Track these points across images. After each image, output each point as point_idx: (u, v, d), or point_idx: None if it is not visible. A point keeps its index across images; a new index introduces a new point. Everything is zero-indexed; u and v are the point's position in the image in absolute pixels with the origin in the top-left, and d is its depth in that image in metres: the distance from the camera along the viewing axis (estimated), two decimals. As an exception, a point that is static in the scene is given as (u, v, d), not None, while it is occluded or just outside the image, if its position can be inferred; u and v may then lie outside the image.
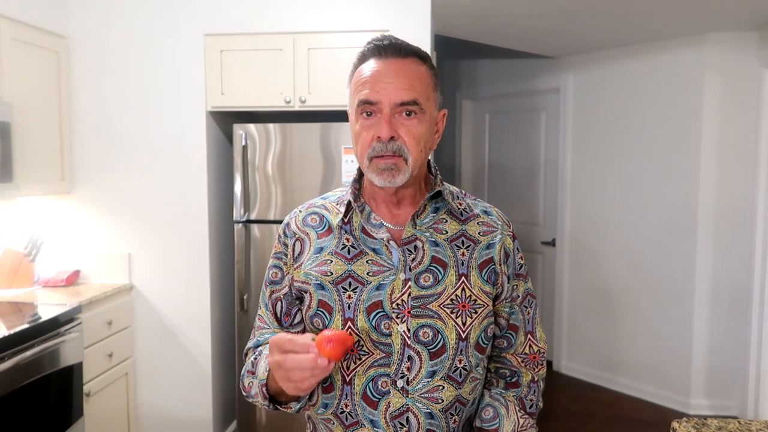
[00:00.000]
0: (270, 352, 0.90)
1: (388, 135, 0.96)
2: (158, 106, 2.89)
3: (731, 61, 3.46)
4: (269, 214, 2.89)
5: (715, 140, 3.51)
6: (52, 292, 2.73)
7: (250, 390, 1.03)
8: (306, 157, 2.85)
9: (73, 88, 2.91)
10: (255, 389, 1.01)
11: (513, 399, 1.11)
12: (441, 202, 1.07)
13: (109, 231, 2.96)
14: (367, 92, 0.98)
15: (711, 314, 3.58)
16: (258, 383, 1.00)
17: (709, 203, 3.54)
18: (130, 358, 2.94)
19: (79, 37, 2.89)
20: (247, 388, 1.04)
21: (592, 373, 4.17)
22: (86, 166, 2.94)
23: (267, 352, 0.99)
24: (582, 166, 4.16)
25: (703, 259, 3.56)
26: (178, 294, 2.95)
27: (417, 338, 0.99)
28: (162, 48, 2.87)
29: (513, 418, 1.08)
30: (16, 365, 2.08)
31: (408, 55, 1.00)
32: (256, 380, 1.00)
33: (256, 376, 1.01)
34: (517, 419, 1.09)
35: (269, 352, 0.91)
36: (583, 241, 4.19)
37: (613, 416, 3.62)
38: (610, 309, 4.05)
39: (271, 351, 0.90)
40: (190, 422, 2.98)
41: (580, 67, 4.11)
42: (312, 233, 1.08)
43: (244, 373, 1.06)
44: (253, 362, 1.04)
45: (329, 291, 1.02)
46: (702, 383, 3.62)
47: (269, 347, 0.91)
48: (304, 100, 2.79)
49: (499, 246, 1.07)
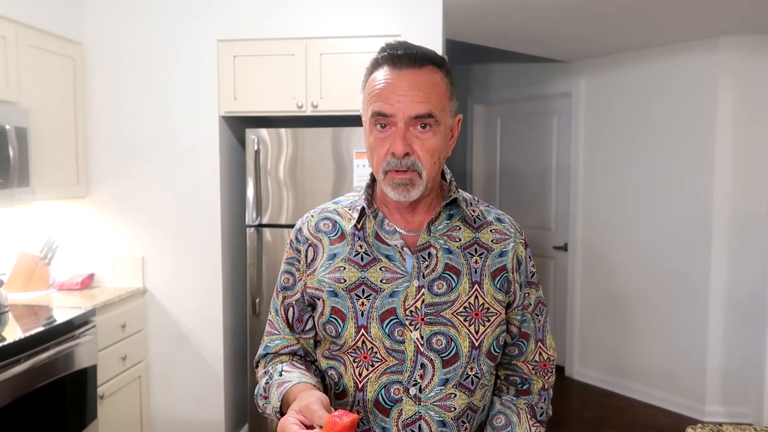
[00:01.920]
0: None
1: (402, 151, 0.95)
2: (172, 111, 2.92)
3: (745, 65, 3.43)
4: (281, 218, 2.90)
5: (729, 145, 3.48)
6: (67, 295, 2.76)
7: (265, 409, 1.05)
8: (318, 162, 2.86)
9: (88, 94, 2.95)
10: (269, 411, 1.03)
11: (524, 407, 1.10)
12: (455, 209, 1.07)
13: (123, 235, 2.99)
14: (381, 104, 0.96)
15: (726, 320, 3.54)
16: (272, 408, 1.01)
17: (723, 208, 3.50)
18: (144, 361, 2.96)
19: (94, 44, 2.92)
20: (261, 407, 1.06)
21: (605, 378, 4.13)
22: (101, 171, 2.98)
23: (277, 378, 1.02)
24: (594, 171, 4.13)
25: (717, 264, 3.52)
26: (190, 297, 2.97)
27: (430, 346, 0.99)
28: (175, 54, 2.89)
29: (525, 426, 1.08)
30: (32, 367, 2.11)
31: (423, 63, 0.97)
32: (270, 405, 1.02)
33: (269, 401, 1.02)
34: (529, 427, 1.08)
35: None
36: (595, 246, 4.16)
37: (625, 423, 3.58)
38: (622, 314, 4.02)
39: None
40: (203, 425, 2.99)
41: (593, 71, 4.09)
42: (325, 239, 1.07)
43: (257, 393, 1.07)
44: (265, 387, 1.05)
45: (342, 298, 1.02)
46: (717, 390, 3.58)
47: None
48: (316, 105, 2.80)
49: (512, 254, 1.06)
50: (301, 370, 1.04)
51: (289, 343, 1.11)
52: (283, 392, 0.98)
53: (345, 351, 1.02)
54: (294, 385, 0.98)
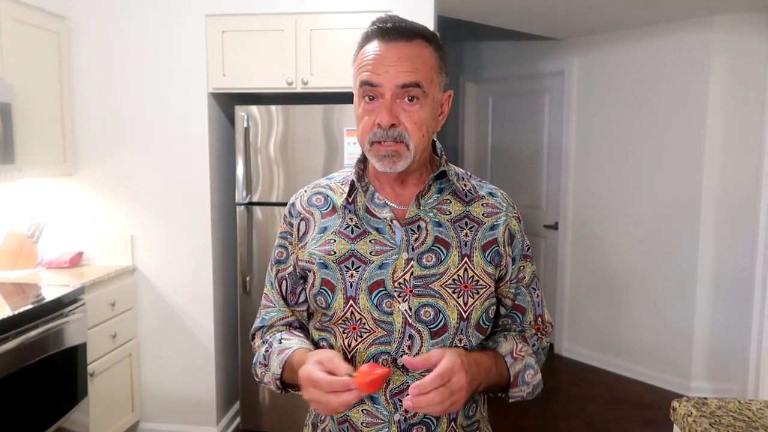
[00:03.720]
0: (304, 387, 0.92)
1: (388, 123, 0.96)
2: (159, 87, 2.87)
3: (738, 44, 3.42)
4: (272, 196, 2.89)
5: (720, 125, 3.49)
6: (55, 273, 2.75)
7: (263, 378, 1.08)
8: (308, 139, 2.84)
9: (74, 69, 2.90)
10: (268, 378, 1.06)
11: (515, 334, 1.10)
12: (446, 183, 1.07)
13: (111, 213, 2.97)
14: (369, 74, 0.97)
15: (712, 298, 3.58)
16: (272, 375, 1.05)
17: (712, 188, 3.52)
18: (134, 339, 2.96)
19: (80, 18, 2.87)
20: (259, 375, 1.09)
21: (593, 356, 4.19)
22: (88, 148, 2.94)
23: (277, 345, 1.07)
24: (585, 150, 4.14)
25: (705, 243, 3.56)
26: (181, 276, 2.96)
27: (418, 317, 1.00)
28: (162, 29, 2.84)
29: (512, 343, 1.07)
30: (21, 345, 2.10)
31: (413, 37, 0.98)
32: (269, 372, 1.05)
33: (269, 368, 1.06)
34: (516, 343, 1.07)
35: (303, 386, 0.92)
36: (585, 225, 4.18)
37: (613, 398, 3.64)
38: (611, 292, 4.06)
39: (305, 386, 0.92)
40: (194, 402, 3.01)
41: (585, 50, 4.07)
42: (316, 213, 1.09)
43: (256, 362, 1.10)
44: (265, 355, 1.08)
45: (332, 270, 1.03)
46: (703, 366, 3.64)
47: (301, 381, 0.92)
48: (306, 81, 2.77)
49: (504, 228, 1.06)
50: (301, 338, 1.08)
51: (285, 315, 1.13)
52: (284, 359, 1.02)
53: (335, 322, 1.03)
54: (294, 351, 1.02)
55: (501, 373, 1.03)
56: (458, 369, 0.90)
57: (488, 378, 0.99)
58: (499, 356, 1.04)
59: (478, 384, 0.97)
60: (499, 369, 1.02)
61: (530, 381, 1.05)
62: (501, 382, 1.04)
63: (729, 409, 1.20)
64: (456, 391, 0.89)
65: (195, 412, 3.01)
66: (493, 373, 1.00)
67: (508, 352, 1.05)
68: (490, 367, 1.00)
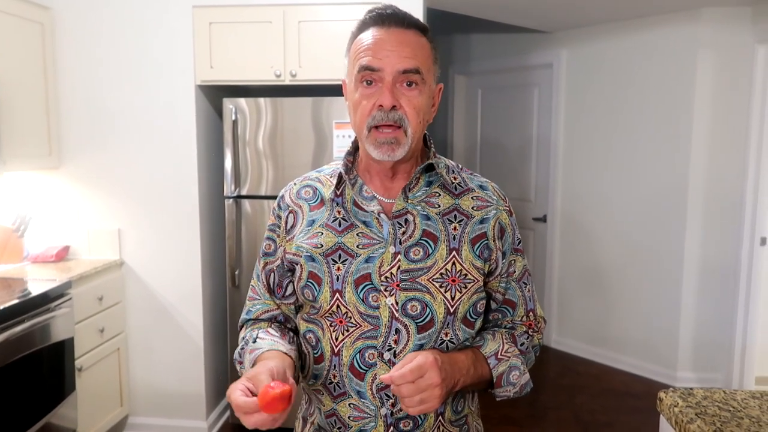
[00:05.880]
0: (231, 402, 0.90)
1: (390, 103, 0.96)
2: (146, 79, 2.84)
3: (725, 37, 3.44)
4: (260, 189, 2.87)
5: (706, 118, 3.51)
6: (41, 267, 2.72)
7: (242, 374, 1.06)
8: (297, 132, 2.82)
9: (59, 61, 2.85)
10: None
11: (504, 332, 1.09)
12: (434, 176, 1.06)
13: (98, 206, 2.94)
14: (369, 59, 0.97)
15: (698, 290, 3.62)
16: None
17: (699, 180, 3.55)
18: (122, 334, 2.94)
19: (64, 8, 2.82)
20: (240, 372, 1.09)
21: (582, 347, 4.22)
22: (74, 141, 2.90)
23: (251, 344, 1.05)
24: (574, 143, 4.15)
25: (692, 235, 3.59)
26: (169, 270, 2.94)
27: (405, 311, 0.99)
28: (149, 20, 2.81)
29: (499, 342, 1.06)
30: (7, 340, 2.08)
31: (410, 26, 1.00)
32: (244, 370, 1.05)
33: (243, 366, 1.06)
34: (503, 343, 1.06)
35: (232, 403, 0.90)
36: (574, 218, 4.21)
37: (601, 389, 3.68)
38: (599, 284, 4.09)
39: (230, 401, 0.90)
40: (183, 397, 3.00)
41: (574, 43, 4.08)
42: (305, 206, 1.08)
43: (236, 356, 1.11)
44: (240, 353, 1.08)
45: (319, 263, 1.02)
46: (688, 357, 3.68)
47: (228, 400, 0.90)
48: (294, 74, 2.75)
49: (494, 221, 1.06)
50: (275, 338, 1.06)
51: (269, 308, 1.13)
52: (254, 359, 1.01)
53: (322, 315, 1.03)
54: (263, 352, 1.00)
55: (481, 373, 1.02)
56: (431, 366, 0.89)
57: (465, 378, 0.99)
58: (480, 356, 1.03)
59: (454, 383, 0.96)
60: (479, 369, 1.01)
61: (516, 382, 1.05)
62: (482, 381, 1.03)
63: (714, 399, 1.22)
64: (426, 388, 0.89)
65: (184, 406, 3.00)
66: (471, 373, 1.00)
67: (492, 353, 1.04)
68: (468, 367, 0.99)
